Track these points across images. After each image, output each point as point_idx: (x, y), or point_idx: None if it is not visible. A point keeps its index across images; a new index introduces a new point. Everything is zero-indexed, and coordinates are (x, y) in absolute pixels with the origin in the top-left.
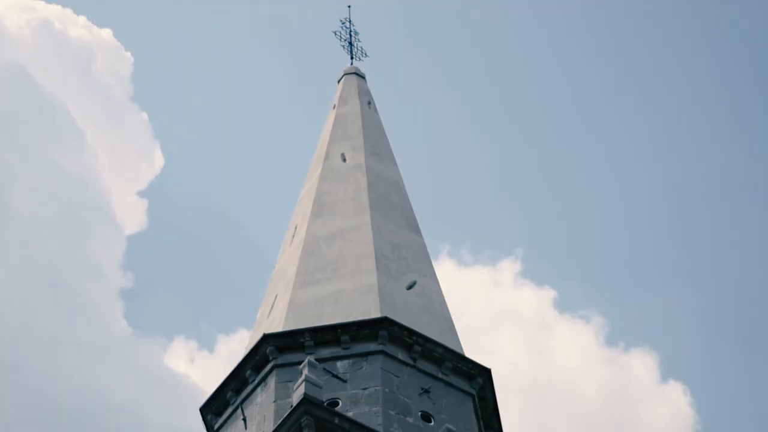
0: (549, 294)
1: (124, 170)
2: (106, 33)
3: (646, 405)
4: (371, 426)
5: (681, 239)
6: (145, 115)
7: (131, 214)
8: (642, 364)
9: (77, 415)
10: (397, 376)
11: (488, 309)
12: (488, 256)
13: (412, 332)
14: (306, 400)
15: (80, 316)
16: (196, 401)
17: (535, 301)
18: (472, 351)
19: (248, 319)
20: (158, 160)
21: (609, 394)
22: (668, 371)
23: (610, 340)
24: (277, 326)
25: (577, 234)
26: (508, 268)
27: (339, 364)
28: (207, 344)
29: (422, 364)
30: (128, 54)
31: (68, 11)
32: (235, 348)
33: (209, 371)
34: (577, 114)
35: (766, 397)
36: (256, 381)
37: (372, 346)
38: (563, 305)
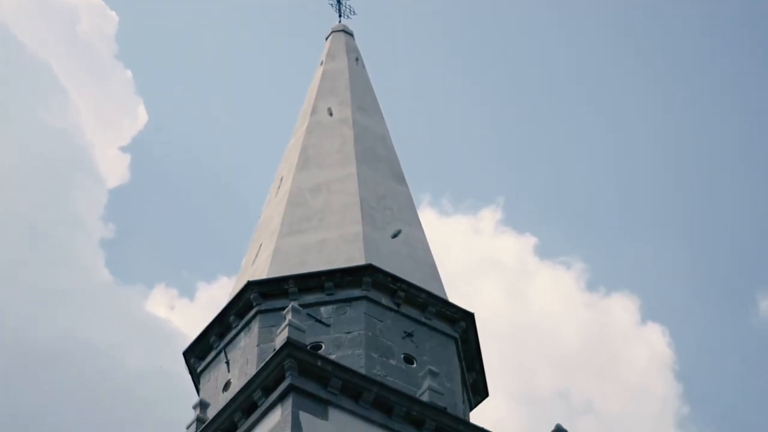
0: (530, 241)
1: (107, 126)
2: None
3: (626, 347)
4: (354, 368)
5: (660, 184)
6: (129, 73)
7: (114, 169)
8: (622, 307)
9: (59, 360)
10: (381, 321)
11: (469, 257)
12: (469, 205)
13: (395, 278)
14: (289, 343)
15: (61, 265)
16: (177, 346)
17: (515, 248)
18: (454, 298)
19: (229, 268)
20: (141, 117)
21: (589, 337)
22: (648, 314)
23: (591, 286)
24: (261, 273)
25: (558, 181)
26: (489, 216)
27: (323, 309)
28: (187, 292)
29: (406, 309)
30: (113, 13)
31: None
32: (215, 295)
33: (190, 318)
34: (563, 62)
35: (744, 337)
36: (240, 326)
37: (356, 292)
38: (544, 252)
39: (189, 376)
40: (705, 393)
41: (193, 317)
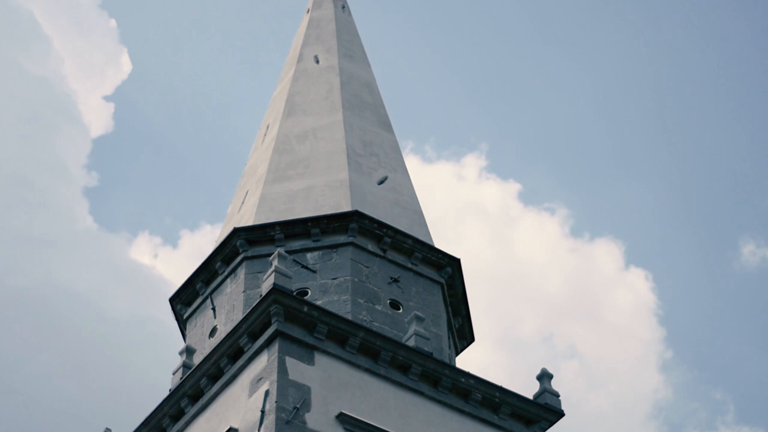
0: (513, 187)
1: (90, 75)
2: None
3: (609, 292)
4: (340, 314)
5: (644, 131)
6: (113, 22)
7: (97, 118)
8: (606, 252)
9: (40, 306)
10: (367, 267)
11: (453, 204)
12: (452, 151)
13: (382, 224)
14: (275, 289)
15: (44, 212)
16: (161, 292)
17: (499, 194)
18: (438, 245)
19: (212, 215)
20: (125, 66)
21: (573, 282)
22: (631, 259)
23: (575, 231)
24: (248, 220)
25: (542, 128)
26: (473, 162)
27: (309, 255)
28: (171, 240)
29: (392, 255)
30: None
31: None
32: (198, 243)
33: (173, 266)
34: (546, 7)
35: (726, 283)
36: (226, 272)
37: (342, 239)
38: (528, 198)
39: (173, 323)
40: (687, 337)
41: (176, 265)
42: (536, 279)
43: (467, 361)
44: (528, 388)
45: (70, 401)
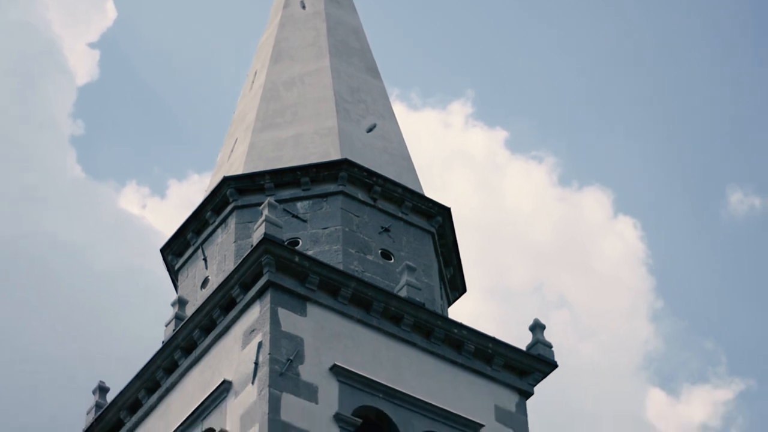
0: (500, 135)
1: (75, 22)
2: None
3: (599, 241)
4: (331, 264)
5: (632, 77)
6: None
7: (82, 65)
8: (594, 201)
9: (28, 256)
10: (357, 216)
11: (439, 152)
12: (438, 99)
13: (371, 173)
14: (266, 239)
15: (31, 162)
16: (151, 243)
17: (486, 142)
18: (427, 193)
19: (199, 165)
20: (110, 12)
21: (562, 231)
22: (620, 207)
23: (563, 180)
24: (237, 169)
25: (528, 75)
26: (459, 110)
27: (299, 205)
28: (158, 190)
29: (382, 204)
30: None
31: None
32: (187, 193)
33: (162, 217)
34: None
35: (714, 231)
36: (217, 222)
37: (332, 187)
38: (515, 146)
39: (164, 273)
40: (677, 286)
41: (165, 216)
42: (524, 228)
43: (458, 312)
44: (519, 339)
45: (59, 354)
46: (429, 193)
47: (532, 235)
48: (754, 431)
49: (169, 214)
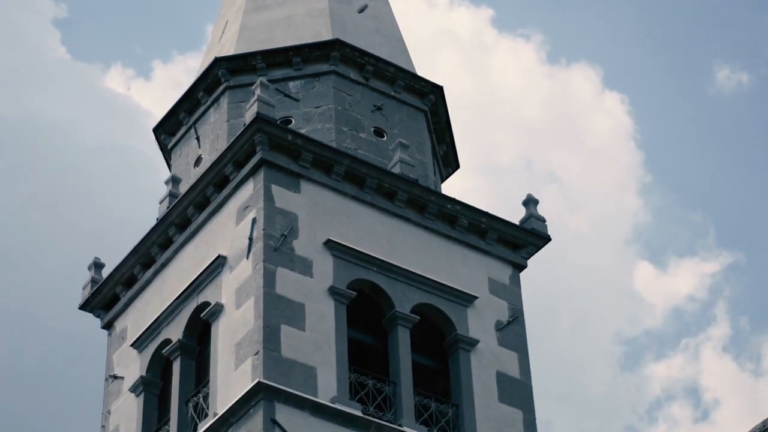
0: (486, 13)
1: None
2: None
3: (588, 116)
4: (324, 142)
5: None
6: None
7: None
8: (583, 77)
9: (15, 137)
10: (350, 95)
11: (425, 31)
12: None
13: (363, 53)
14: (259, 117)
15: (14, 44)
16: (137, 122)
17: (472, 20)
18: (417, 72)
19: (183, 44)
20: None
21: (551, 107)
22: (608, 83)
23: (551, 57)
24: (229, 50)
25: None
26: None
27: (291, 84)
28: (143, 71)
29: (374, 83)
30: None
31: None
32: (172, 73)
33: (147, 97)
34: None
35: (701, 107)
36: (209, 102)
37: (324, 67)
38: (502, 24)
39: (152, 152)
40: (666, 161)
41: (151, 96)
42: (514, 106)
43: (450, 189)
44: (510, 214)
45: (53, 230)
46: (419, 72)
47: (522, 112)
48: (740, 303)
49: (154, 95)
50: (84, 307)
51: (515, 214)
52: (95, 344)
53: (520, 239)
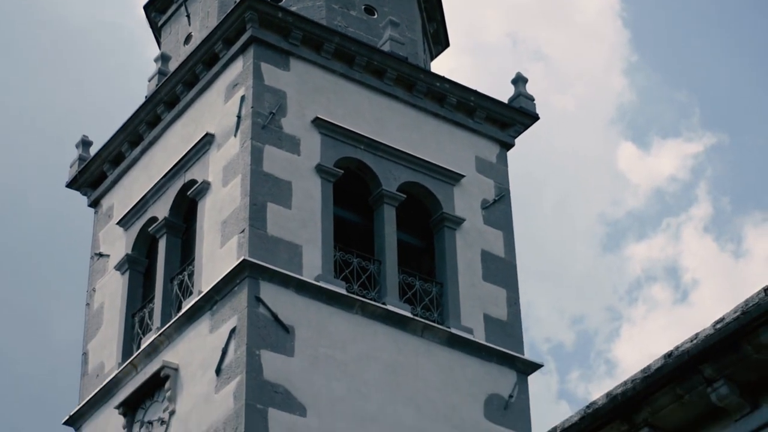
0: None
1: None
2: None
3: None
4: (315, 19)
5: None
6: None
7: None
8: None
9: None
10: None
11: None
12: None
13: None
14: None
15: None
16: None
17: None
18: None
19: None
20: None
21: None
22: None
23: None
24: None
25: None
26: None
27: None
28: None
29: None
30: None
31: None
32: None
33: None
34: None
35: None
36: None
37: None
38: None
39: (140, 30)
40: (652, 40)
41: None
42: None
43: (438, 68)
44: (497, 92)
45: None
46: None
47: None
48: (722, 184)
49: None
50: (71, 184)
51: (501, 92)
52: (81, 222)
53: (508, 117)
